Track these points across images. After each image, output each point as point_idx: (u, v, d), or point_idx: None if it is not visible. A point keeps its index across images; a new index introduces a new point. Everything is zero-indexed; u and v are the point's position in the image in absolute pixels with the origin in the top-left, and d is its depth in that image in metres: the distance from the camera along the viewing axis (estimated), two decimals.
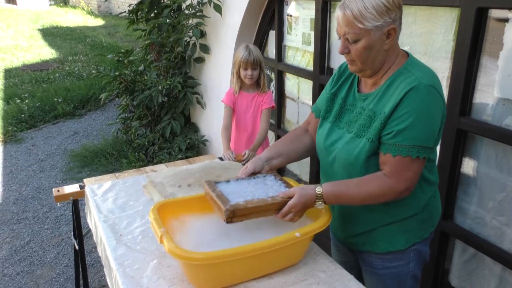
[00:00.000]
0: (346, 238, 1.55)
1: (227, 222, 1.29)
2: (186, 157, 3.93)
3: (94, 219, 1.83)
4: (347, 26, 1.24)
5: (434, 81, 1.25)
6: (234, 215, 1.28)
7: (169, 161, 3.88)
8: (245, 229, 1.41)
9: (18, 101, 6.28)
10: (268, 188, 1.41)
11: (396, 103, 1.24)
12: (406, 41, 2.11)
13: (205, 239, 1.38)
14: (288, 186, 1.43)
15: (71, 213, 3.68)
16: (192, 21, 3.91)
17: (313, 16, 2.74)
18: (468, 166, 1.87)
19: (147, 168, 2.27)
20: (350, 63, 1.34)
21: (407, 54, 1.35)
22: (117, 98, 5.10)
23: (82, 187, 2.10)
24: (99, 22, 13.39)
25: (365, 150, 1.32)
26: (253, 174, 1.49)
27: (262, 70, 2.56)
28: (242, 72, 2.51)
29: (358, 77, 1.44)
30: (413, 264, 1.45)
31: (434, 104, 1.24)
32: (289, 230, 1.35)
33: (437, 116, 1.26)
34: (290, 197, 1.32)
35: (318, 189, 1.31)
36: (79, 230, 2.16)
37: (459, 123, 1.81)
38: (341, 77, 1.49)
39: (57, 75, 7.62)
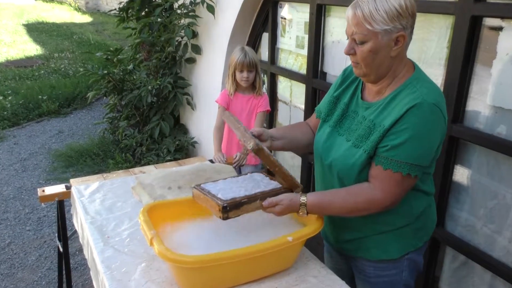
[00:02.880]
0: (337, 243, 1.56)
1: (224, 218, 1.28)
2: (175, 159, 3.93)
3: (80, 221, 1.82)
4: (355, 26, 1.24)
5: (438, 99, 1.26)
6: (230, 208, 1.28)
7: (157, 163, 3.86)
8: (237, 232, 1.41)
9: (0, 98, 6.19)
10: (258, 183, 1.44)
11: (397, 118, 1.24)
12: None
13: (196, 242, 1.38)
14: (276, 181, 1.45)
15: (54, 215, 3.65)
16: (184, 21, 3.91)
17: (308, 19, 2.77)
18: (460, 173, 1.91)
19: (136, 169, 2.26)
20: (354, 66, 1.34)
21: (413, 65, 1.36)
22: (104, 97, 5.06)
23: (68, 188, 2.09)
24: (87, 18, 13.29)
25: (360, 161, 1.33)
26: (257, 137, 1.43)
27: (258, 72, 2.57)
28: (238, 75, 2.53)
29: (363, 83, 1.44)
30: (406, 273, 1.46)
31: (434, 124, 1.25)
32: (281, 234, 1.36)
33: (435, 136, 1.27)
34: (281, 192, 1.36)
35: (303, 198, 1.34)
36: (64, 232, 2.14)
37: (451, 130, 1.84)
38: (345, 81, 1.49)
39: (42, 72, 7.53)
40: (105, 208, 1.83)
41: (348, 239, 1.49)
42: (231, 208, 1.28)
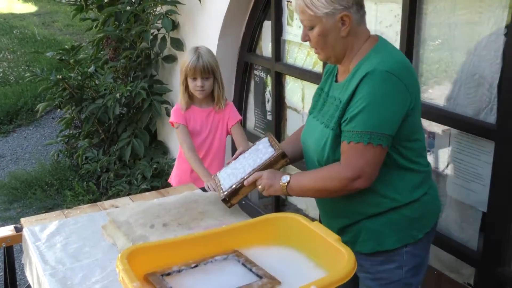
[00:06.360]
0: None
1: (229, 207, 1.94)
2: (153, 188, 3.94)
3: (36, 272, 1.84)
4: (301, 14, 1.66)
5: (393, 66, 1.60)
6: (229, 199, 1.90)
7: (129, 193, 3.87)
8: (242, 281, 1.43)
9: None
10: (258, 153, 1.94)
11: (353, 90, 1.62)
12: (442, 34, 2.19)
13: None
14: (276, 148, 1.90)
15: None
16: (161, 9, 3.97)
17: None
18: None
19: (106, 203, 2.29)
20: (315, 52, 1.76)
21: (378, 39, 1.71)
22: (58, 110, 5.11)
23: (18, 230, 2.10)
24: (30, 8, 13.40)
25: (330, 140, 1.69)
26: None
27: (217, 79, 2.62)
28: (191, 83, 2.58)
29: (338, 69, 1.81)
30: (407, 269, 1.73)
31: (389, 90, 1.59)
32: (302, 283, 1.37)
33: (393, 103, 1.59)
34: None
35: (284, 178, 1.75)
36: (14, 287, 2.15)
37: None
38: (328, 72, 1.89)
39: None
40: (68, 255, 1.84)
41: (339, 227, 1.79)
42: (230, 198, 1.89)
